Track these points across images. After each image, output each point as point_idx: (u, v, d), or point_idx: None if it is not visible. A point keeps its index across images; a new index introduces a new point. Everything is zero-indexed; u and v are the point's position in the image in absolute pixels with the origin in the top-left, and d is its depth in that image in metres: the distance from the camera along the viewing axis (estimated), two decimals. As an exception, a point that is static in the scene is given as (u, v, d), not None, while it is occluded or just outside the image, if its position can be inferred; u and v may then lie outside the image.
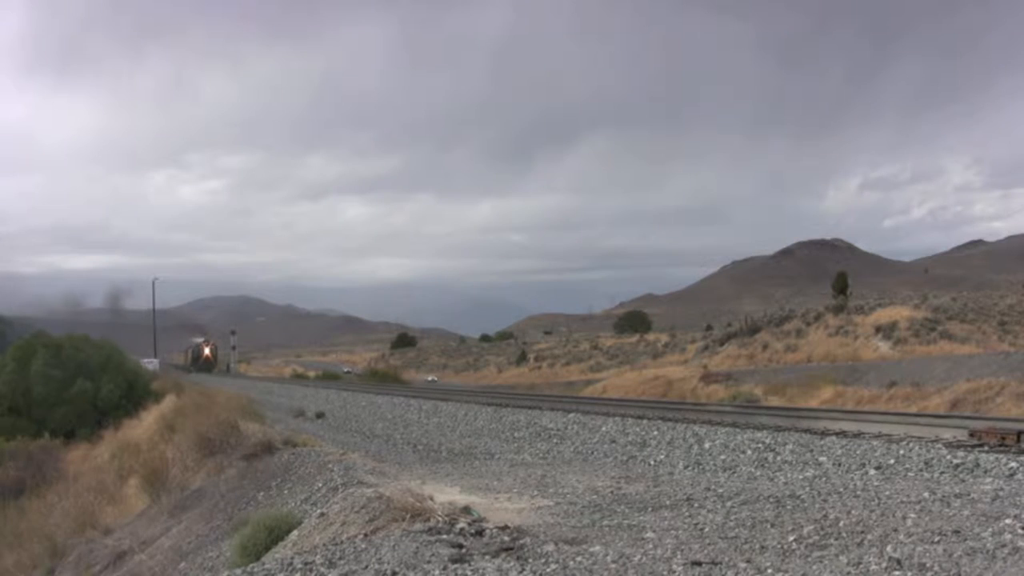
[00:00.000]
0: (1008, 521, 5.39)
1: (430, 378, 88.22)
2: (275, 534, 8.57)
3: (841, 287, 62.01)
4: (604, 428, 15.91)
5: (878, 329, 50.61)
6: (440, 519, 6.25)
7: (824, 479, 9.31)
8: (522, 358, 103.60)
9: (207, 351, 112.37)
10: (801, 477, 9.87)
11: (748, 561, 4.84)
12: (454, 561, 5.06)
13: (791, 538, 5.35)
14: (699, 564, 4.81)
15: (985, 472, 9.09)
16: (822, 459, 10.91)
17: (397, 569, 4.97)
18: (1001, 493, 6.65)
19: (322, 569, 5.20)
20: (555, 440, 16.23)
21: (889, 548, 4.86)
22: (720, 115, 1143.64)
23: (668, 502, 7.38)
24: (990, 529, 5.22)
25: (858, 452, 10.80)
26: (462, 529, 6.00)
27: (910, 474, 9.55)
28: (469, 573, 4.84)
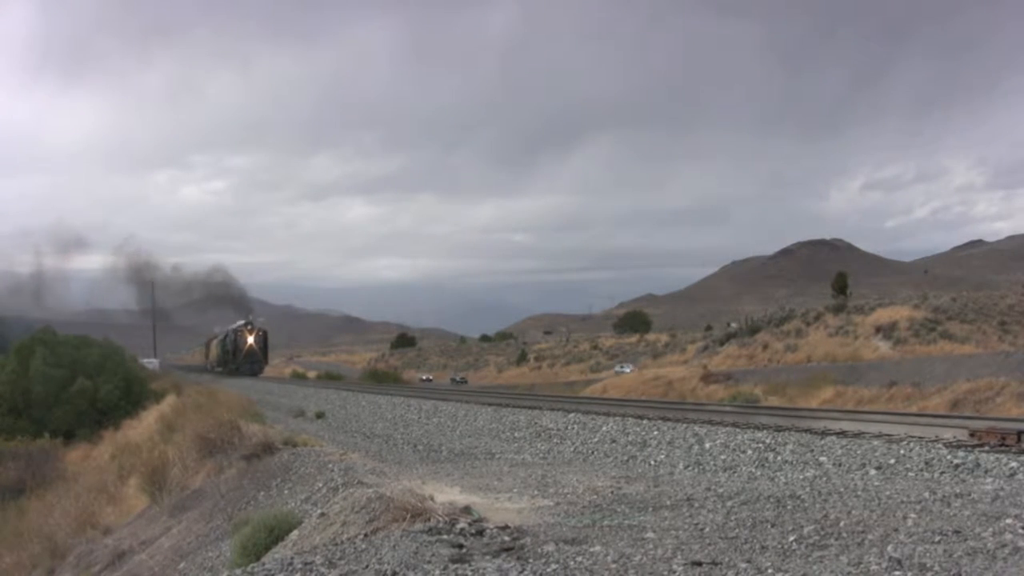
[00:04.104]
0: (1008, 521, 5.39)
1: (625, 367, 66.17)
2: (275, 534, 8.57)
3: (841, 287, 62.00)
4: (604, 428, 15.91)
5: (878, 329, 50.62)
6: (440, 519, 6.25)
7: (824, 479, 9.30)
8: (522, 358, 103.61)
9: (251, 340, 74.82)
10: (801, 477, 9.87)
11: (748, 561, 4.84)
12: (454, 561, 5.06)
13: (791, 538, 5.34)
14: (699, 564, 4.81)
15: (985, 472, 9.09)
16: (822, 459, 10.91)
17: (397, 569, 4.96)
18: (1001, 493, 6.64)
19: (322, 569, 5.20)
20: (555, 440, 16.23)
21: (890, 548, 4.86)
22: (723, 116, 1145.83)
23: (668, 502, 7.37)
24: (991, 529, 5.21)
25: (858, 452, 10.79)
26: (462, 529, 5.99)
27: (910, 474, 9.55)
28: (469, 573, 4.83)
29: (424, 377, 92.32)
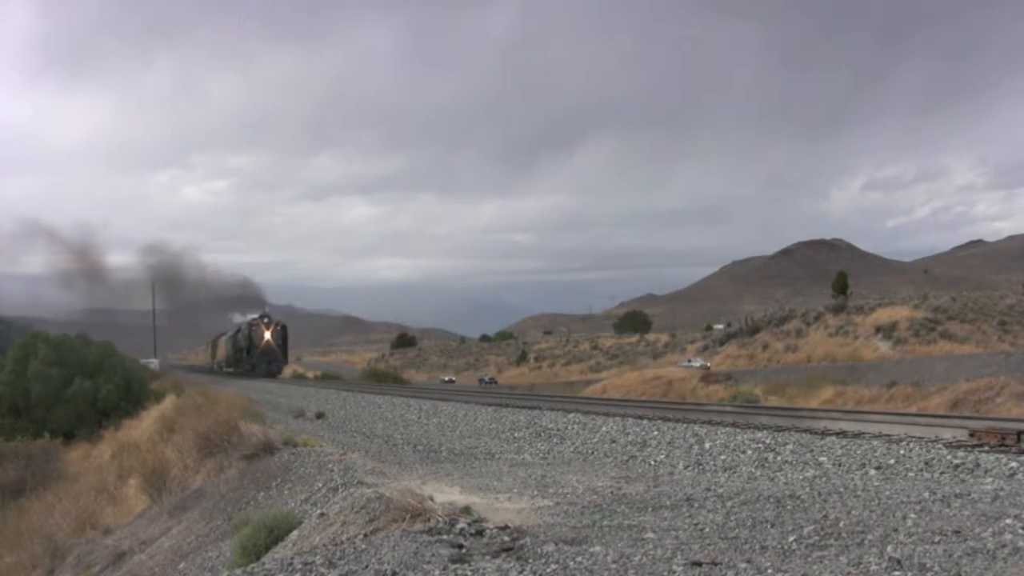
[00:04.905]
0: (1008, 521, 5.39)
1: (694, 361, 57.24)
2: (275, 534, 8.57)
3: (841, 287, 62.06)
4: (604, 428, 15.90)
5: (878, 329, 50.68)
6: (440, 519, 6.25)
7: (824, 479, 9.30)
8: (522, 358, 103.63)
9: (268, 335, 66.37)
10: (801, 477, 9.86)
11: (748, 561, 4.84)
12: (454, 561, 5.06)
13: (791, 538, 5.34)
14: (699, 564, 4.81)
15: (985, 472, 9.09)
16: (822, 459, 10.91)
17: (397, 569, 4.96)
18: (1001, 493, 6.64)
19: (322, 569, 5.20)
20: (555, 440, 16.22)
21: (889, 548, 4.86)
22: (725, 116, 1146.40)
23: (668, 502, 7.37)
24: (990, 529, 5.21)
25: (858, 452, 10.79)
26: (462, 529, 5.99)
27: (910, 474, 9.54)
28: (469, 573, 4.84)
29: (446, 379, 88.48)
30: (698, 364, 52.70)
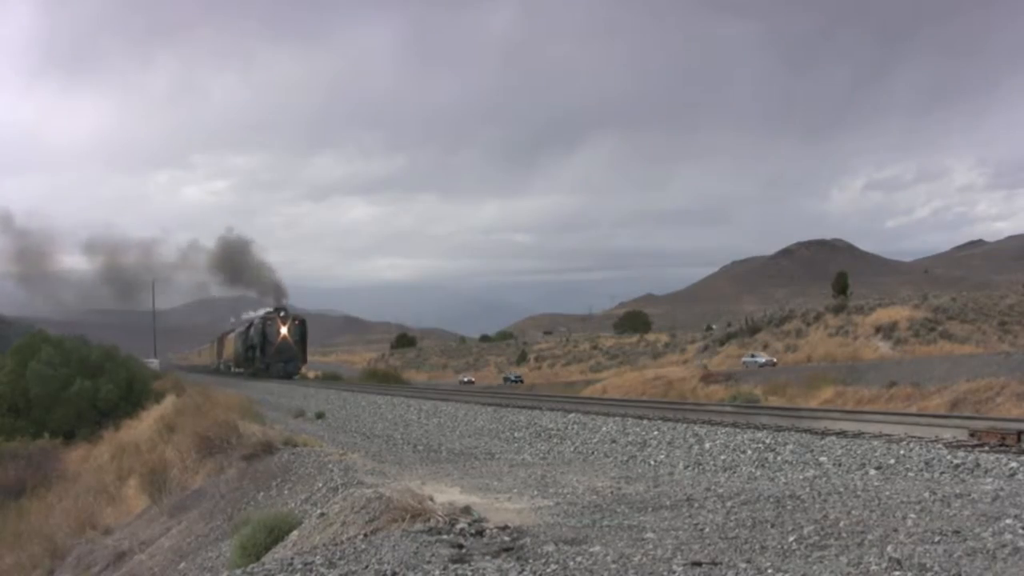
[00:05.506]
0: (1008, 521, 5.39)
1: (758, 357, 53.10)
2: (275, 534, 8.56)
3: (841, 287, 62.13)
4: (604, 428, 15.90)
5: (878, 329, 50.71)
6: (440, 519, 6.25)
7: (824, 479, 9.30)
8: (522, 358, 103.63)
9: (284, 331, 59.68)
10: (801, 477, 9.86)
11: (748, 561, 4.84)
12: (454, 561, 5.06)
13: (791, 538, 5.34)
14: (699, 564, 4.81)
15: (985, 472, 9.09)
16: (822, 459, 10.91)
17: (397, 569, 4.96)
18: (1001, 493, 6.65)
19: (322, 569, 5.20)
20: (555, 440, 16.22)
21: (889, 548, 4.86)
22: (725, 116, 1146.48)
23: (668, 502, 7.37)
24: (990, 529, 5.21)
25: (858, 452, 10.79)
26: (462, 529, 5.99)
27: (910, 474, 9.54)
28: (469, 573, 4.84)
29: (465, 379, 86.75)
30: (763, 360, 51.82)
